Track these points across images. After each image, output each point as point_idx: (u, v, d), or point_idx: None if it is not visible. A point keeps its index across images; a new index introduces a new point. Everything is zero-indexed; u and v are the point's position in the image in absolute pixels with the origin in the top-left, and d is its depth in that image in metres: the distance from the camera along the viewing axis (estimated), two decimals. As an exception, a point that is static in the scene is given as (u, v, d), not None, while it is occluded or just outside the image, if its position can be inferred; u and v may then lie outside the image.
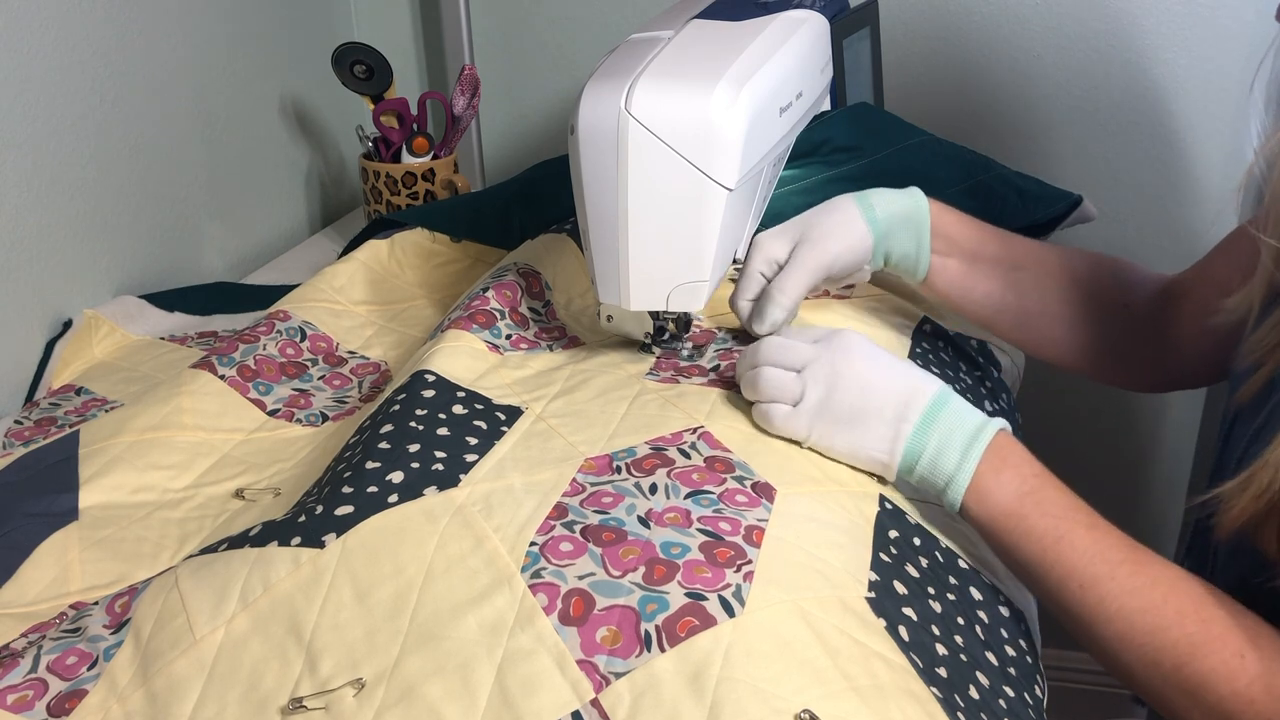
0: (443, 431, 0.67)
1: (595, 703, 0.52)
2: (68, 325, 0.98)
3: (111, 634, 0.61)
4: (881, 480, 0.68)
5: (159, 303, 1.05)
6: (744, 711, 0.50)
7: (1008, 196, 0.96)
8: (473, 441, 0.67)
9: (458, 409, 0.70)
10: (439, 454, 0.65)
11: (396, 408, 0.69)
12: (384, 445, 0.66)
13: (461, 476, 0.64)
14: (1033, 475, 0.64)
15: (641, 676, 0.52)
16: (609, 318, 0.78)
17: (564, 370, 0.77)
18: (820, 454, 0.68)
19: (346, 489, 0.63)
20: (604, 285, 0.73)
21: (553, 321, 0.85)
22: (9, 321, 0.93)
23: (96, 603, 0.64)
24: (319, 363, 0.89)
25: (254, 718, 0.55)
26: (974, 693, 0.58)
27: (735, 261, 0.85)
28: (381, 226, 1.08)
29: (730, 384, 0.74)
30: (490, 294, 0.82)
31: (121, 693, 0.57)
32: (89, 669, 0.59)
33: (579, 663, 0.53)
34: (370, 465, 0.64)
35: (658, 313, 0.77)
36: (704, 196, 0.69)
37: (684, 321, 0.78)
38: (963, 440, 0.64)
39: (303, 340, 0.89)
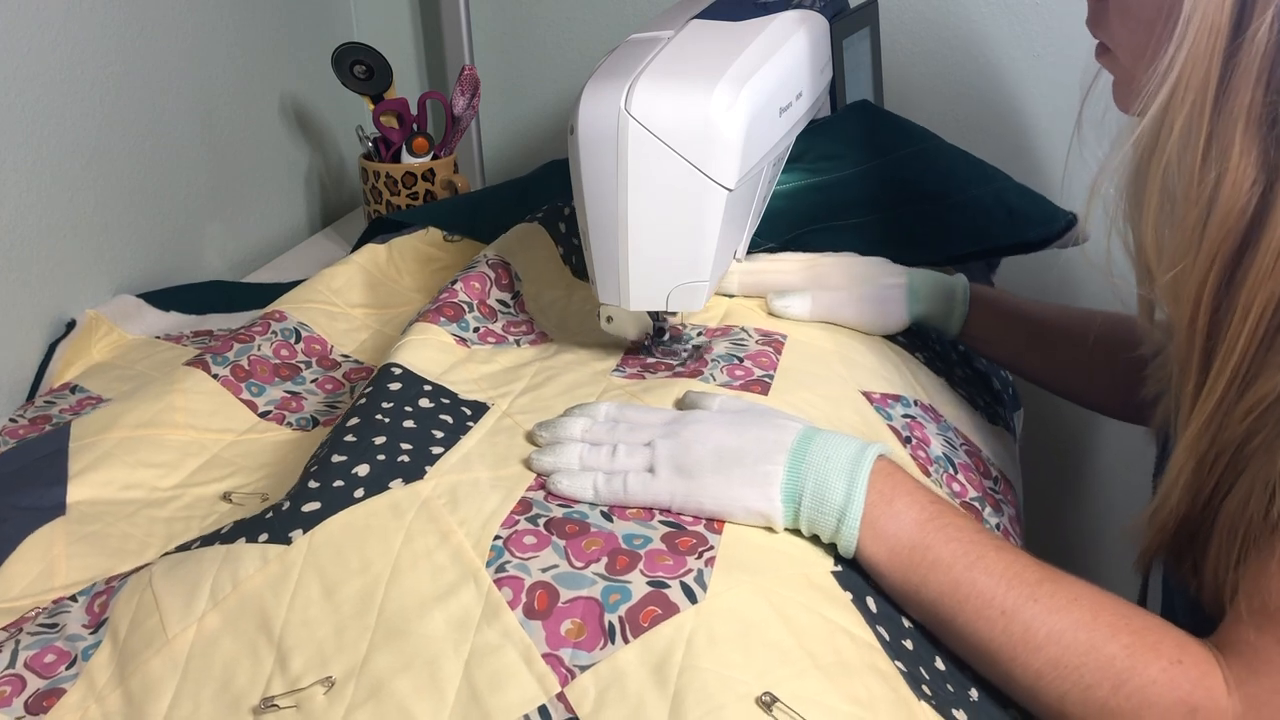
0: (409, 424, 0.68)
1: (561, 696, 0.52)
2: (71, 325, 0.98)
3: (90, 634, 0.61)
4: None
5: (155, 302, 1.05)
6: (706, 699, 0.51)
7: (995, 213, 0.94)
8: (438, 435, 0.67)
9: (424, 403, 0.70)
10: (405, 446, 0.66)
11: (363, 400, 0.70)
12: (350, 438, 0.66)
13: (427, 469, 0.64)
14: (929, 501, 0.59)
15: (606, 669, 0.53)
16: (609, 319, 0.78)
17: (531, 367, 0.77)
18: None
19: (313, 483, 0.63)
20: (604, 285, 0.73)
21: (521, 315, 0.85)
22: (9, 322, 0.93)
23: (75, 598, 0.64)
24: (312, 365, 0.89)
25: (228, 716, 0.55)
26: (939, 664, 0.59)
27: (736, 260, 0.85)
28: (388, 225, 1.08)
29: (694, 374, 0.74)
30: (458, 286, 0.82)
31: (100, 692, 0.58)
32: (67, 668, 0.59)
33: (545, 656, 0.53)
34: (336, 458, 0.64)
35: (657, 313, 0.77)
36: (704, 196, 0.69)
37: (677, 325, 0.79)
38: (844, 468, 0.59)
39: (297, 342, 0.89)
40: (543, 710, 0.52)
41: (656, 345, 0.79)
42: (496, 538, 0.59)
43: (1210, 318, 0.57)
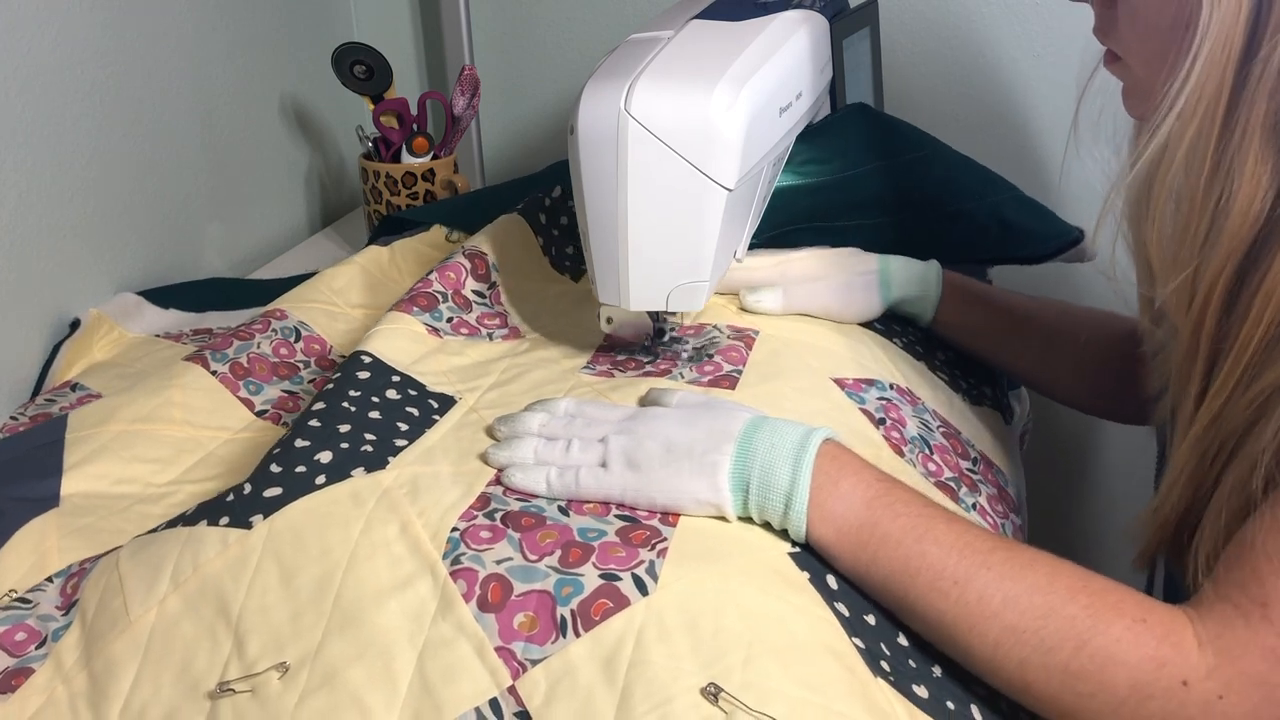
0: (374, 415, 0.68)
1: (512, 690, 0.53)
2: (75, 325, 0.99)
3: (62, 615, 0.62)
4: None
5: (155, 299, 1.05)
6: (654, 694, 0.51)
7: (989, 227, 0.93)
8: (404, 428, 0.68)
9: (391, 393, 0.70)
10: (369, 436, 0.66)
11: (331, 387, 0.70)
12: (314, 423, 0.66)
13: (390, 459, 0.64)
14: (876, 479, 0.60)
15: (557, 663, 0.53)
16: (609, 319, 0.78)
17: (501, 362, 0.77)
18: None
19: (275, 467, 0.63)
20: (604, 286, 0.73)
21: (496, 307, 0.85)
22: (11, 321, 0.93)
23: (51, 579, 0.65)
24: (311, 365, 0.88)
25: (187, 699, 0.56)
26: (903, 639, 0.59)
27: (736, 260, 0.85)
28: (399, 224, 1.08)
29: (664, 372, 0.74)
30: (434, 276, 0.83)
31: (67, 674, 0.58)
32: (37, 648, 0.60)
33: (497, 650, 0.54)
34: (300, 443, 0.65)
35: (657, 313, 0.77)
36: (703, 197, 0.69)
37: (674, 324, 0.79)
38: (789, 453, 0.59)
39: (297, 341, 0.89)
40: (494, 703, 0.53)
41: (657, 346, 0.79)
42: (454, 530, 0.59)
43: (1217, 323, 0.57)
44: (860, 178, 0.93)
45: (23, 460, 0.75)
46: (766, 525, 0.61)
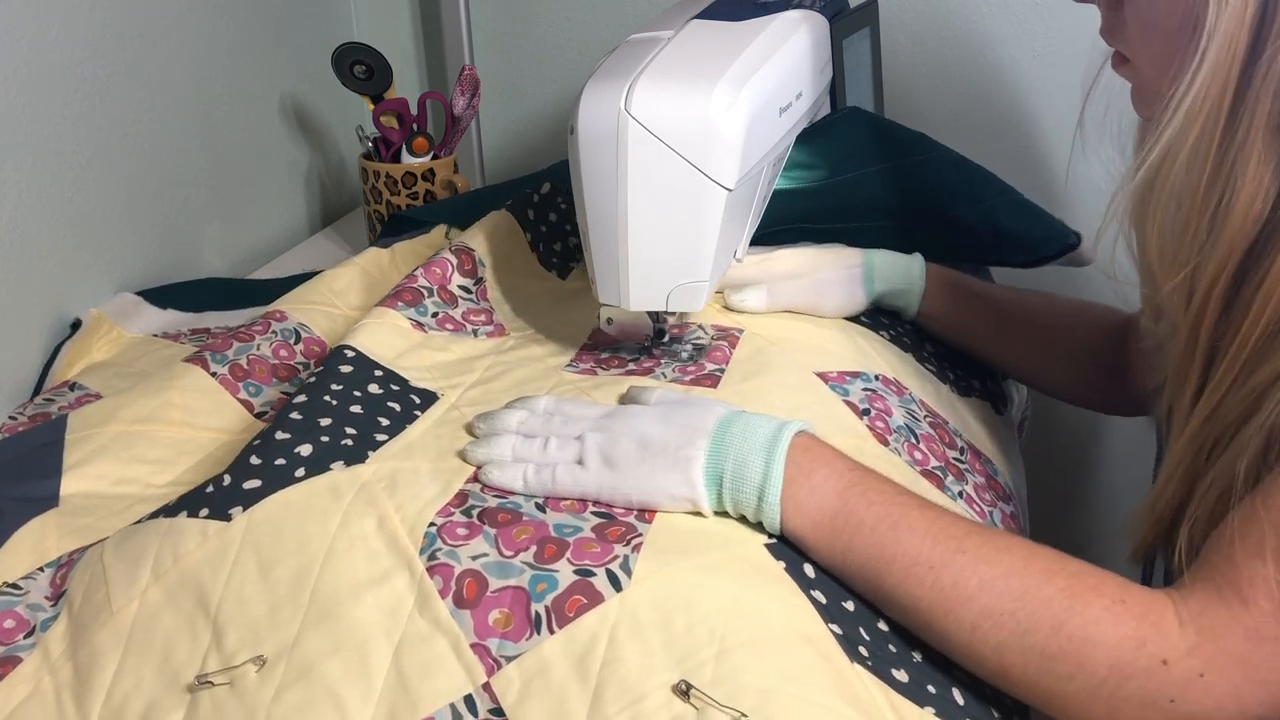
0: (356, 409, 0.68)
1: (487, 686, 0.53)
2: (75, 325, 0.98)
3: (51, 606, 0.62)
4: None
5: (153, 299, 1.05)
6: (626, 692, 0.52)
7: (982, 234, 0.93)
8: (385, 422, 0.68)
9: (373, 388, 0.70)
10: (349, 430, 0.66)
11: (313, 380, 0.70)
12: (295, 416, 0.66)
13: (370, 454, 0.64)
14: (849, 469, 0.60)
15: (531, 660, 0.53)
16: (609, 320, 0.78)
17: (485, 360, 0.77)
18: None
19: (255, 459, 0.63)
20: (604, 286, 0.73)
21: (482, 303, 0.85)
22: (10, 321, 0.93)
23: (43, 569, 0.65)
24: (310, 367, 0.88)
25: (167, 691, 0.56)
26: (883, 625, 0.59)
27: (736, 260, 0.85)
28: (402, 223, 1.08)
29: (647, 371, 0.75)
30: (419, 272, 0.83)
31: (54, 664, 0.59)
32: (25, 637, 0.60)
33: (472, 646, 0.54)
34: (280, 436, 0.65)
35: (657, 313, 0.77)
36: (703, 196, 0.69)
37: (674, 323, 0.79)
38: (761, 445, 0.60)
39: (297, 343, 0.89)
40: (468, 700, 0.53)
41: (656, 346, 0.79)
42: (431, 525, 0.59)
43: (1216, 321, 0.58)
44: (851, 182, 0.93)
45: (22, 460, 0.75)
46: (742, 519, 0.61)
